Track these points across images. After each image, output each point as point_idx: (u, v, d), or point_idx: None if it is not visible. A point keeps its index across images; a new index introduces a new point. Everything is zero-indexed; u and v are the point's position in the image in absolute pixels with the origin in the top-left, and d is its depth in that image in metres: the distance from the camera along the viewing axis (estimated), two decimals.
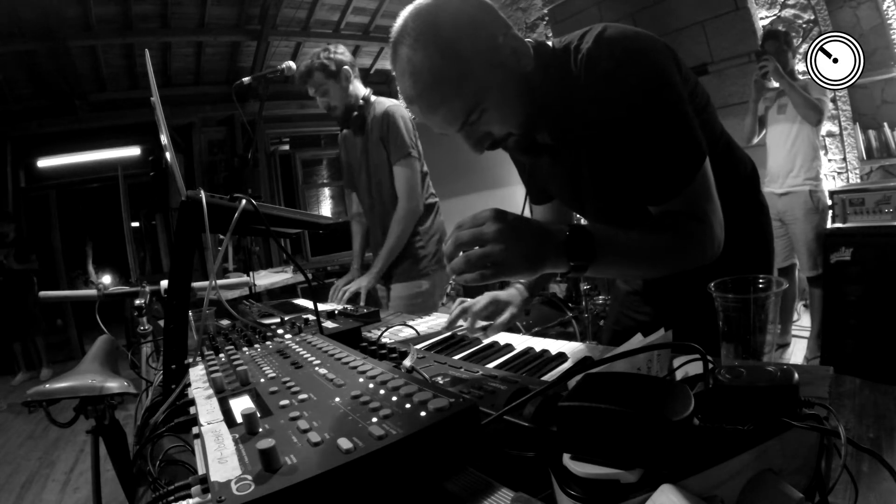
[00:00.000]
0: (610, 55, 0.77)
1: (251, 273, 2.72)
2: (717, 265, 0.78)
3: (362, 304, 1.94)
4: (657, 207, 0.82)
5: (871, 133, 3.26)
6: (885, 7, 3.07)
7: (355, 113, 2.00)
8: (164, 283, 1.30)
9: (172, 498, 0.47)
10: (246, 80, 2.35)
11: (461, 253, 0.70)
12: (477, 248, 0.69)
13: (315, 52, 1.95)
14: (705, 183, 0.79)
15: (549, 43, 0.85)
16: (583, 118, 0.83)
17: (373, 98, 2.04)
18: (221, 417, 0.52)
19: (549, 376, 0.76)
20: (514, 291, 1.18)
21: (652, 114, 0.77)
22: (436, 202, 2.19)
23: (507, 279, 0.74)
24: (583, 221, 1.21)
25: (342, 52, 1.96)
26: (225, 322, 1.24)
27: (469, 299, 1.17)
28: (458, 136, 0.83)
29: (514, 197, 4.72)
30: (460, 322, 1.15)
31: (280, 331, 0.99)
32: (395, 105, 1.99)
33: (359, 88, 2.01)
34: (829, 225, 2.76)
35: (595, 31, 0.80)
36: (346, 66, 1.94)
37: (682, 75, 0.81)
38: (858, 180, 3.32)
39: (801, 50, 3.31)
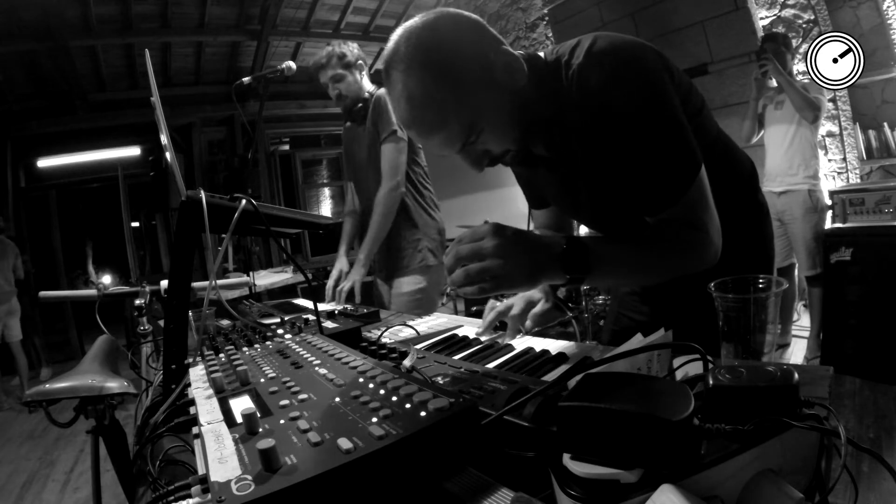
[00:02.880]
0: (600, 69, 0.77)
1: (251, 273, 2.72)
2: (717, 265, 0.79)
3: (358, 299, 1.94)
4: (654, 217, 0.82)
5: (871, 133, 3.26)
6: (885, 7, 3.07)
7: (360, 105, 2.08)
8: (164, 283, 1.30)
9: (172, 498, 0.47)
10: (246, 80, 2.36)
11: (461, 266, 0.71)
12: (476, 262, 0.70)
13: (335, 42, 2.06)
14: (701, 191, 0.79)
15: (542, 54, 0.85)
16: (577, 132, 0.83)
17: (377, 91, 2.08)
18: (221, 417, 0.52)
19: (549, 376, 0.76)
20: (545, 292, 1.12)
21: (645, 126, 0.76)
22: (433, 198, 2.19)
23: (505, 292, 0.75)
24: (583, 228, 1.21)
25: (357, 48, 2.08)
26: (225, 322, 1.24)
27: (499, 302, 1.11)
28: (457, 156, 0.83)
29: (513, 197, 4.71)
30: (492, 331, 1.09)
31: (280, 331, 0.99)
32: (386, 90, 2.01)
33: (367, 84, 2.10)
34: (828, 225, 2.76)
35: (585, 44, 0.79)
36: (360, 61, 2.06)
37: (674, 82, 0.81)
38: (858, 180, 3.32)
39: (801, 50, 3.31)
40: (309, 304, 1.63)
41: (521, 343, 0.95)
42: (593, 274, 0.74)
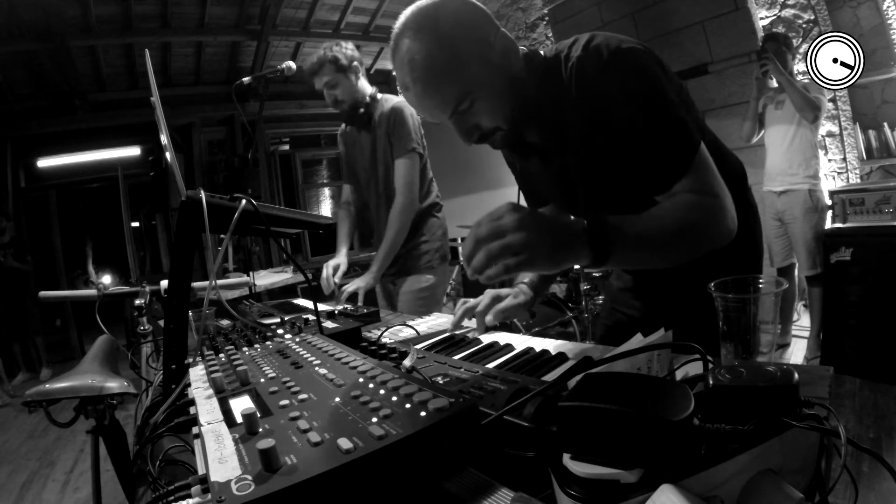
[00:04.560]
0: (598, 59, 0.83)
1: (251, 273, 2.71)
2: (706, 264, 0.79)
3: (360, 303, 1.94)
4: (665, 194, 0.82)
5: (871, 133, 3.26)
6: (885, 7, 3.07)
7: (361, 110, 2.03)
8: (164, 283, 1.30)
9: (172, 498, 0.47)
10: (246, 80, 2.35)
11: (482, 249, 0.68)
12: (497, 240, 0.67)
13: (326, 45, 1.97)
14: (706, 162, 0.82)
15: (541, 52, 0.91)
16: (575, 121, 0.88)
17: (379, 96, 2.07)
18: (221, 417, 0.52)
19: (549, 376, 0.76)
20: (516, 289, 1.19)
21: (644, 105, 0.81)
22: (440, 201, 2.20)
23: (530, 271, 0.73)
24: None
25: (352, 48, 2.00)
26: (225, 322, 1.24)
27: (471, 299, 1.16)
28: (453, 131, 0.89)
29: (512, 197, 4.69)
30: (465, 322, 1.15)
31: (280, 331, 0.99)
32: (401, 100, 2.02)
33: (365, 86, 2.05)
34: (828, 225, 2.76)
35: (582, 40, 0.86)
36: (355, 63, 1.98)
37: (667, 77, 0.85)
38: (858, 180, 3.32)
39: (801, 50, 3.31)
40: (309, 304, 1.63)
41: (521, 343, 0.95)
42: (617, 249, 0.71)
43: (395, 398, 0.51)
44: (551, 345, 0.92)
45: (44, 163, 5.74)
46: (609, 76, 0.82)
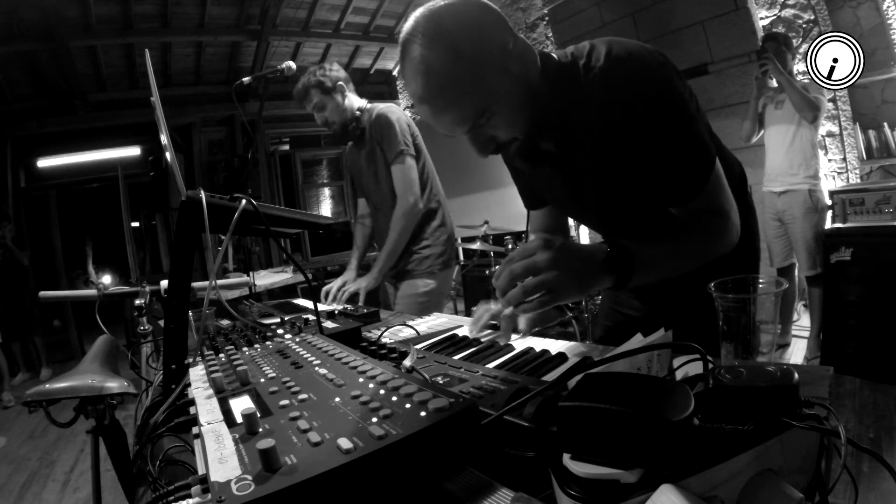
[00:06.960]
0: (623, 71, 0.81)
1: (251, 273, 2.72)
2: (705, 265, 0.82)
3: (361, 304, 1.94)
4: (679, 209, 0.86)
5: (871, 133, 3.26)
6: (885, 7, 3.07)
7: (353, 124, 2.05)
8: (164, 283, 1.30)
9: (172, 498, 0.47)
10: (246, 80, 2.35)
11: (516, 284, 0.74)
12: (531, 277, 0.72)
13: (311, 70, 2.00)
14: (719, 179, 0.85)
15: (555, 55, 0.87)
16: (595, 130, 0.86)
17: (368, 106, 2.08)
18: (221, 417, 0.52)
19: (549, 376, 0.76)
20: None
21: (668, 123, 0.81)
22: (440, 206, 2.19)
23: (561, 302, 0.78)
24: (583, 229, 1.21)
25: (336, 69, 2.02)
26: (225, 322, 1.24)
27: (493, 304, 1.09)
28: (463, 138, 0.85)
29: (513, 197, 4.69)
30: (488, 330, 1.09)
31: (280, 331, 0.99)
32: (387, 107, 2.03)
33: (354, 101, 2.06)
34: (828, 225, 2.76)
35: (601, 49, 0.83)
36: (340, 83, 1.99)
37: (684, 86, 0.85)
38: (858, 180, 3.32)
39: (801, 50, 3.31)
40: (309, 304, 1.63)
41: (521, 343, 0.95)
42: (637, 273, 0.77)
43: (395, 398, 0.51)
44: (551, 345, 0.92)
45: (44, 163, 5.74)
46: (634, 90, 0.80)
